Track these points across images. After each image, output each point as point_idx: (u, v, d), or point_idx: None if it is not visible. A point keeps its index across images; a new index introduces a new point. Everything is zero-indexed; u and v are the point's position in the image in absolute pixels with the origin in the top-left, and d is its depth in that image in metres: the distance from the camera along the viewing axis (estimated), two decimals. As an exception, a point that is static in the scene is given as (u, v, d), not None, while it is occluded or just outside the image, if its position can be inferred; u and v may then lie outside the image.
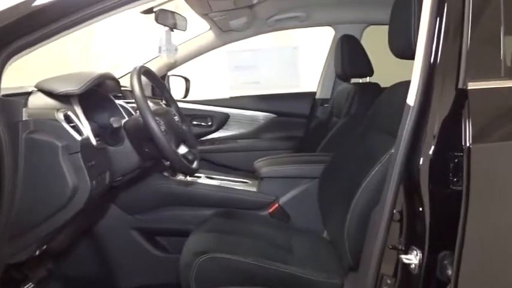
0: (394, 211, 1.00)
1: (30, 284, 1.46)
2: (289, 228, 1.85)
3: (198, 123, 2.90)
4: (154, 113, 1.45)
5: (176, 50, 2.09)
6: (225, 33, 2.54)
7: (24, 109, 1.20)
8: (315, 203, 1.80)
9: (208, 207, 1.94)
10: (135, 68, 1.46)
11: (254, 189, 2.05)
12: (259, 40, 2.71)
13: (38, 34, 1.17)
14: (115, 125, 1.37)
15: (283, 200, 1.98)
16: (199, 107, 2.90)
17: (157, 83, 1.70)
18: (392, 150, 1.05)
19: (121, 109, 1.74)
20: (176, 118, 1.70)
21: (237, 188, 2.03)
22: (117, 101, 1.75)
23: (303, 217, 1.94)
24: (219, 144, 2.91)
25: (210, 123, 2.91)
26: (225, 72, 2.92)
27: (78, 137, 1.24)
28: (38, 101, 1.36)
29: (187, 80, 2.88)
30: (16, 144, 1.17)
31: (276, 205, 1.96)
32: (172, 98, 1.75)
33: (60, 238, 1.56)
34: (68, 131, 1.23)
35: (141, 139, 1.46)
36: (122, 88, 1.93)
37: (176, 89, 2.91)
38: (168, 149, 1.40)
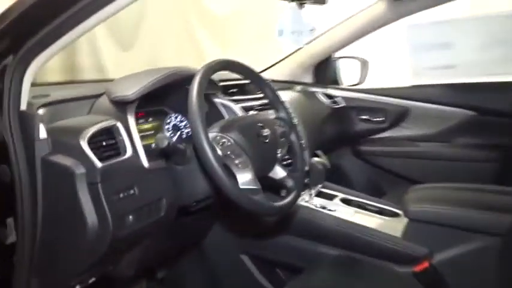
0: None
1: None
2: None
3: (367, 117, 2.31)
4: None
5: (312, 30, 1.59)
6: (400, 2, 1.87)
7: (41, 124, 0.98)
8: (495, 274, 1.10)
9: (330, 245, 1.45)
10: (205, 66, 1.07)
11: (400, 231, 1.43)
12: (451, 8, 1.91)
13: (52, 26, 0.92)
14: (161, 145, 1.03)
15: (439, 257, 1.31)
16: (369, 97, 2.30)
17: (251, 76, 1.26)
18: None
19: (223, 110, 1.39)
20: (281, 127, 1.25)
21: (373, 229, 1.44)
22: (220, 100, 1.41)
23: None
24: (392, 146, 2.27)
25: (382, 119, 2.29)
26: (406, 54, 2.21)
27: (98, 164, 0.96)
28: (101, 106, 1.14)
29: (364, 62, 2.33)
30: (33, 167, 0.96)
31: (427, 264, 1.30)
32: (277, 97, 1.29)
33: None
34: (87, 155, 0.95)
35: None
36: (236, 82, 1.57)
37: (348, 74, 2.42)
38: (226, 184, 0.98)
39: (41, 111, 1.05)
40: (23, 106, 0.99)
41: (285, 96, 1.90)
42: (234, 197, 0.99)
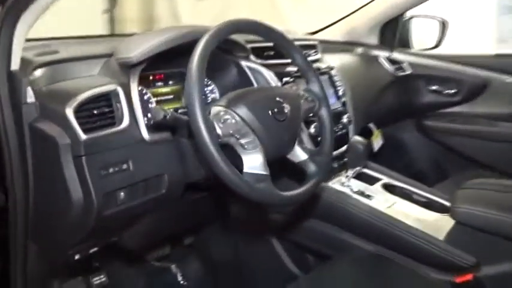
0: None
1: (102, 276, 1.29)
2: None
3: (437, 88, 2.01)
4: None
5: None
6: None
7: (29, 88, 0.90)
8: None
9: (360, 237, 1.28)
10: (215, 27, 0.92)
11: (445, 231, 1.21)
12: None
13: None
14: (155, 118, 0.91)
15: (486, 271, 1.09)
16: (442, 65, 1.99)
17: (277, 39, 1.07)
18: None
19: (250, 76, 1.24)
20: (309, 102, 1.07)
21: (411, 226, 1.23)
22: (248, 63, 1.26)
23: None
24: (463, 124, 1.96)
25: (454, 91, 1.97)
26: (491, 15, 1.84)
27: (82, 136, 0.87)
28: (109, 67, 1.04)
29: (443, 24, 2.00)
30: (21, 132, 0.90)
31: (471, 276, 1.09)
32: (308, 65, 1.10)
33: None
34: (72, 125, 0.87)
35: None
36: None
37: (422, 36, 2.10)
38: (222, 168, 0.84)
39: (39, 72, 0.97)
40: (15, 66, 0.92)
41: (339, 59, 1.69)
42: (232, 184, 0.86)
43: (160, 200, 1.04)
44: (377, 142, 1.84)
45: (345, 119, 1.50)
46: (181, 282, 1.64)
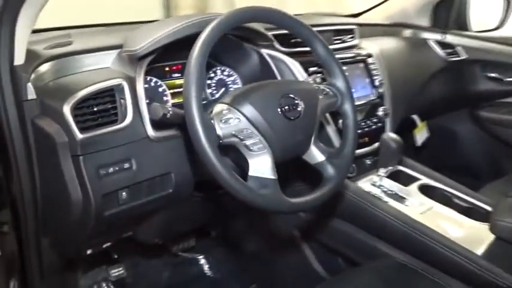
0: None
1: (121, 269, 1.28)
2: None
3: (496, 75, 1.79)
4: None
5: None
6: None
7: (29, 84, 0.88)
8: None
9: (389, 244, 1.17)
10: (221, 17, 0.84)
11: (485, 244, 1.06)
12: None
13: None
14: (154, 117, 0.86)
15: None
16: (503, 49, 1.77)
17: (295, 27, 0.96)
18: None
19: (272, 65, 1.16)
20: (329, 97, 0.98)
21: (445, 237, 1.09)
22: (269, 51, 1.17)
23: None
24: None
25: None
26: None
27: (79, 135, 0.84)
28: (119, 59, 1.01)
29: (508, 2, 1.79)
30: (25, 128, 0.89)
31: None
32: (331, 57, 0.99)
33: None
34: (69, 124, 0.84)
35: None
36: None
37: (482, 16, 1.89)
38: (220, 172, 0.78)
39: (46, 66, 0.95)
40: (18, 60, 0.90)
41: (380, 44, 1.55)
42: (232, 190, 0.79)
43: (168, 199, 1.00)
44: (421, 135, 1.69)
45: (380, 112, 1.37)
46: (208, 273, 1.61)
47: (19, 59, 0.90)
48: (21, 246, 1.02)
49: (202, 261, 1.62)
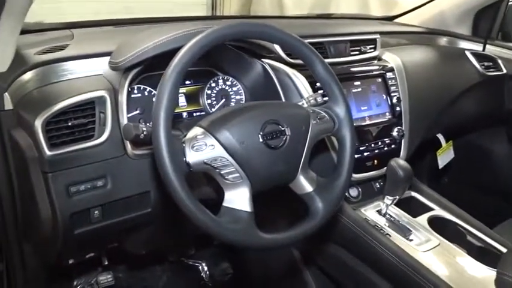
0: None
1: (109, 277, 1.27)
2: None
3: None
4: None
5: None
6: None
7: (5, 94, 0.86)
8: None
9: (387, 281, 1.07)
10: (200, 37, 0.77)
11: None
12: None
13: None
14: (127, 137, 0.81)
15: None
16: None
17: (283, 40, 0.87)
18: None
19: (273, 78, 1.09)
20: (324, 122, 0.89)
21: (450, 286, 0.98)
22: (272, 62, 1.10)
23: None
24: None
25: None
26: None
27: (47, 152, 0.81)
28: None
29: None
30: (2, 139, 0.88)
31: None
32: (330, 76, 0.90)
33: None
34: (39, 139, 0.81)
35: None
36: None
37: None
38: (185, 203, 0.72)
39: (33, 72, 0.93)
40: (1, 68, 0.88)
41: (408, 55, 1.42)
42: (197, 223, 0.73)
43: (148, 218, 0.96)
44: (445, 156, 1.55)
45: (395, 132, 1.26)
46: (206, 281, 1.58)
47: (2, 66, 0.88)
48: (5, 251, 1.02)
49: (201, 268, 1.59)
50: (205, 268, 1.58)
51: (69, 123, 0.84)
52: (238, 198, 0.79)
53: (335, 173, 0.90)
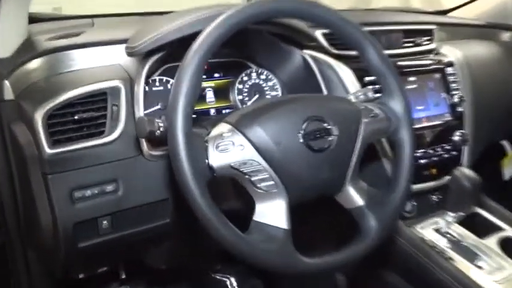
0: None
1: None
2: None
3: None
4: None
5: None
6: None
7: (6, 82, 0.74)
8: None
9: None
10: (222, 17, 0.62)
11: None
12: None
13: None
14: (140, 135, 0.67)
15: None
16: None
17: (330, 22, 0.72)
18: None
19: (316, 70, 0.94)
20: (379, 121, 0.73)
21: None
22: (314, 53, 0.95)
23: None
24: None
25: None
26: None
27: (47, 150, 0.68)
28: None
29: None
30: (2, 134, 0.76)
31: None
32: (387, 66, 0.74)
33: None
34: (39, 136, 0.69)
35: None
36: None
37: None
38: (206, 216, 0.58)
39: (42, 60, 0.81)
40: (3, 53, 0.77)
41: (468, 50, 1.23)
42: (224, 243, 0.59)
43: (166, 229, 0.82)
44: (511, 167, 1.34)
45: (456, 137, 1.07)
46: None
47: (4, 51, 0.77)
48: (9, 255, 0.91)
49: (230, 283, 1.44)
50: (234, 283, 1.43)
51: (76, 117, 0.72)
52: (272, 212, 0.64)
53: (392, 183, 0.73)
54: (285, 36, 0.94)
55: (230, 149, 0.62)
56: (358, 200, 0.71)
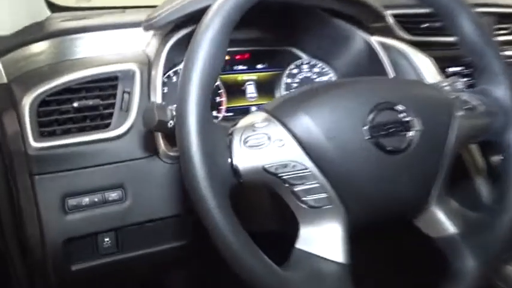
0: None
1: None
2: None
3: None
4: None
5: None
6: None
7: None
8: None
9: None
10: None
11: None
12: None
13: None
14: (147, 126, 0.50)
15: None
16: None
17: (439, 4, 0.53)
18: None
19: (383, 58, 0.75)
20: (480, 116, 0.52)
21: None
22: (383, 40, 0.78)
23: None
24: None
25: None
26: None
27: (33, 143, 0.54)
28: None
29: None
30: None
31: None
32: (493, 46, 0.53)
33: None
34: (25, 123, 0.55)
35: None
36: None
37: None
38: (229, 240, 0.40)
39: (46, 43, 0.68)
40: (4, 30, 0.64)
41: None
42: (246, 276, 0.41)
43: (185, 251, 0.64)
44: None
45: None
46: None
47: (3, 28, 0.64)
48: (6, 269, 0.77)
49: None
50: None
51: (76, 105, 0.57)
52: (323, 238, 0.45)
53: (500, 202, 0.51)
54: (342, 14, 0.75)
55: (264, 145, 0.43)
56: (449, 227, 0.50)
